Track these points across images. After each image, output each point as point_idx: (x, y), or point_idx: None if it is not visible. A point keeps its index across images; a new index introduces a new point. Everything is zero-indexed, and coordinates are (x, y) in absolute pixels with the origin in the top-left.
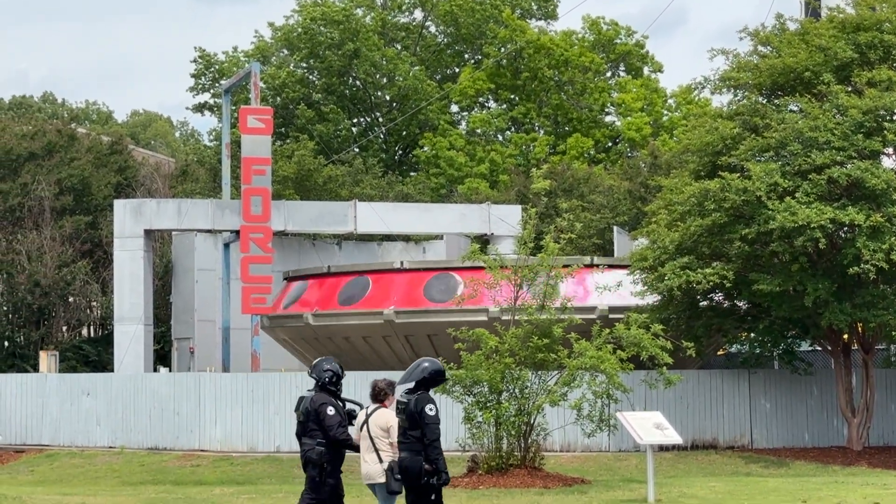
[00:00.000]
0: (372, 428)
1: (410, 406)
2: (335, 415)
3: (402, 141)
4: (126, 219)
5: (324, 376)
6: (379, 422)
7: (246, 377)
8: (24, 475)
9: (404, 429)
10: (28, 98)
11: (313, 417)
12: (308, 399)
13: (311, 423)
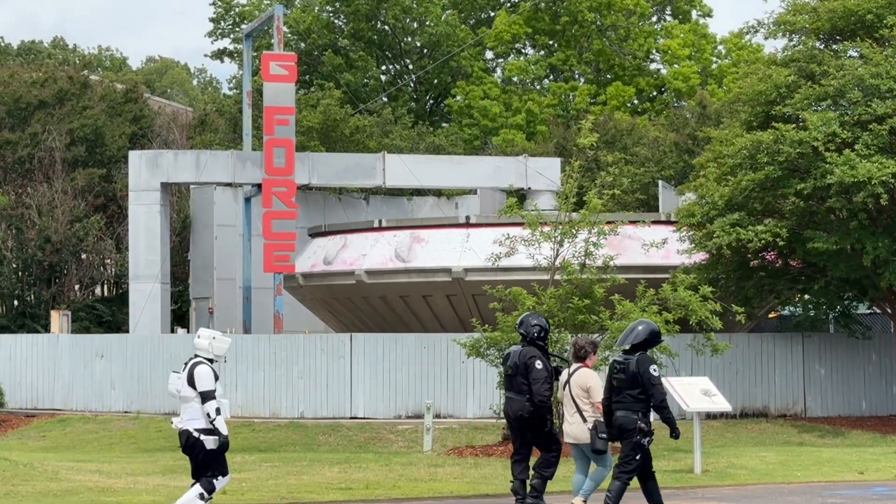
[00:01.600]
0: (573, 388)
1: (631, 367)
2: (543, 369)
3: (433, 90)
4: (142, 171)
5: (532, 331)
6: (580, 381)
7: (268, 339)
8: (36, 440)
9: (621, 388)
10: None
11: (522, 371)
12: (517, 353)
13: (519, 378)
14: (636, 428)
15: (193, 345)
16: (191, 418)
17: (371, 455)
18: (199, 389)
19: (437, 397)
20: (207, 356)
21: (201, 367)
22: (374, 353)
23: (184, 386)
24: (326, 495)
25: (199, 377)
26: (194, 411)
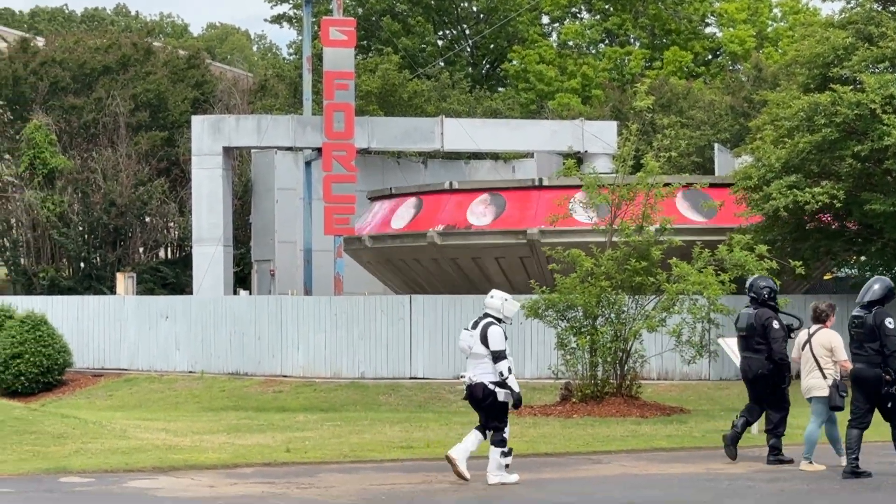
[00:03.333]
0: (815, 347)
1: (869, 321)
2: (780, 329)
3: (489, 54)
4: (204, 136)
5: (762, 293)
6: (822, 341)
7: (329, 300)
8: (103, 400)
9: (860, 342)
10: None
11: (759, 332)
12: (752, 314)
13: (756, 338)
14: (879, 379)
15: (485, 305)
16: (483, 373)
17: (431, 414)
18: (492, 349)
19: None
20: (498, 316)
21: (494, 327)
22: (433, 315)
23: (476, 343)
24: (388, 454)
25: (492, 337)
26: (486, 366)
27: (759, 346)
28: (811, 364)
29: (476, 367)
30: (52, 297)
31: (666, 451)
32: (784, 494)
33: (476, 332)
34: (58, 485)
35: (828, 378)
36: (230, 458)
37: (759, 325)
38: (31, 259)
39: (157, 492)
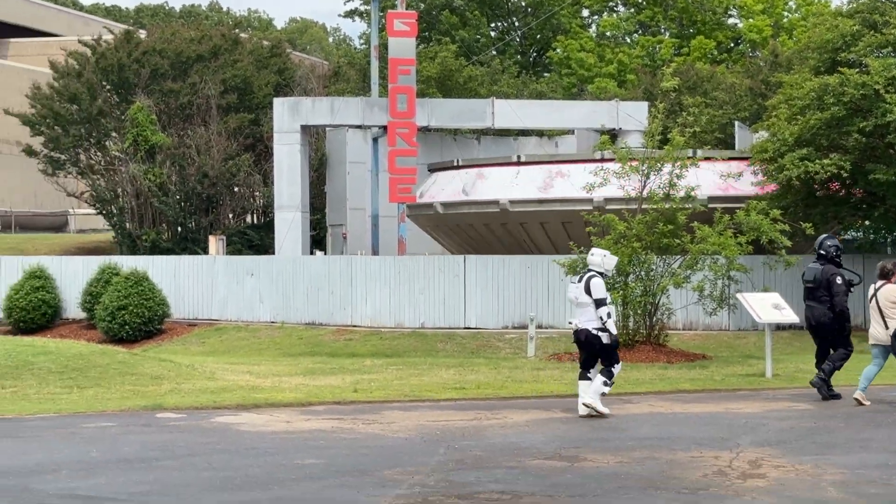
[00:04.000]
0: (880, 300)
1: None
2: (842, 283)
3: (536, 44)
4: (284, 116)
5: (830, 250)
6: (887, 294)
7: (393, 260)
8: (196, 346)
9: None
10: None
11: (824, 285)
12: (818, 269)
13: (821, 290)
14: None
15: (587, 261)
16: (588, 320)
17: (482, 360)
18: (595, 297)
19: (540, 310)
20: (599, 270)
21: (596, 279)
22: (484, 272)
23: (581, 294)
24: (443, 394)
25: (594, 287)
26: (590, 314)
27: (823, 298)
28: (877, 314)
29: (581, 315)
30: (152, 256)
31: (689, 392)
32: (793, 431)
33: (581, 284)
34: (154, 419)
35: (889, 328)
36: (304, 397)
37: (825, 279)
38: (135, 223)
39: (239, 426)
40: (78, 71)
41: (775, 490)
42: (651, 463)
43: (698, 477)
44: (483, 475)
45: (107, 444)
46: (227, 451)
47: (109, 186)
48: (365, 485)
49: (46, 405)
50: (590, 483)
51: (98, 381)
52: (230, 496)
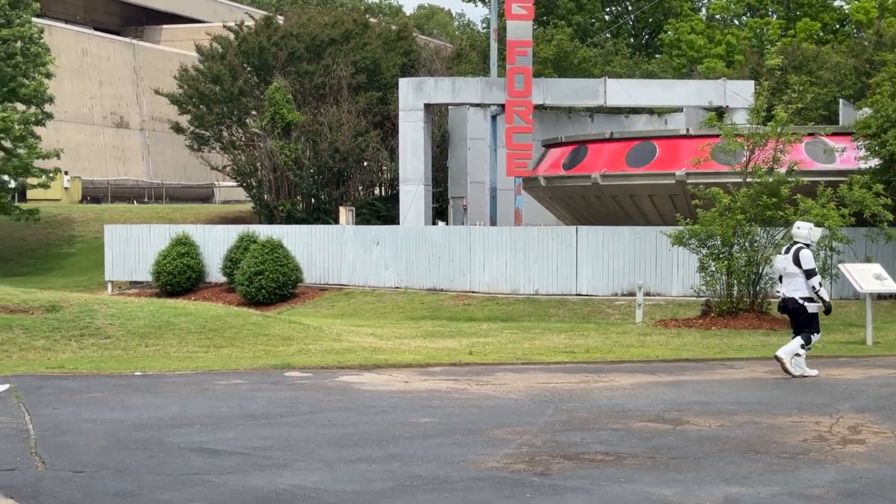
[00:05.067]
0: None
1: None
2: None
3: (648, 26)
4: (409, 94)
5: None
6: None
7: (509, 230)
8: (326, 309)
9: None
10: None
11: None
12: None
13: None
14: None
15: (792, 234)
16: (794, 289)
17: (592, 325)
18: (805, 268)
19: (647, 278)
20: (805, 242)
21: (804, 251)
22: (595, 242)
23: (789, 264)
24: (553, 357)
25: (804, 259)
26: (797, 283)
27: None
28: None
29: (789, 285)
30: (287, 226)
31: None
32: (893, 397)
33: (789, 255)
34: (282, 378)
35: None
36: (423, 358)
37: None
38: (272, 195)
39: (360, 385)
40: (221, 54)
41: (874, 456)
42: (752, 427)
43: (798, 441)
44: (588, 436)
45: (236, 400)
46: (347, 408)
47: (249, 161)
48: (475, 443)
49: (185, 363)
50: (691, 446)
51: (232, 341)
52: (347, 452)
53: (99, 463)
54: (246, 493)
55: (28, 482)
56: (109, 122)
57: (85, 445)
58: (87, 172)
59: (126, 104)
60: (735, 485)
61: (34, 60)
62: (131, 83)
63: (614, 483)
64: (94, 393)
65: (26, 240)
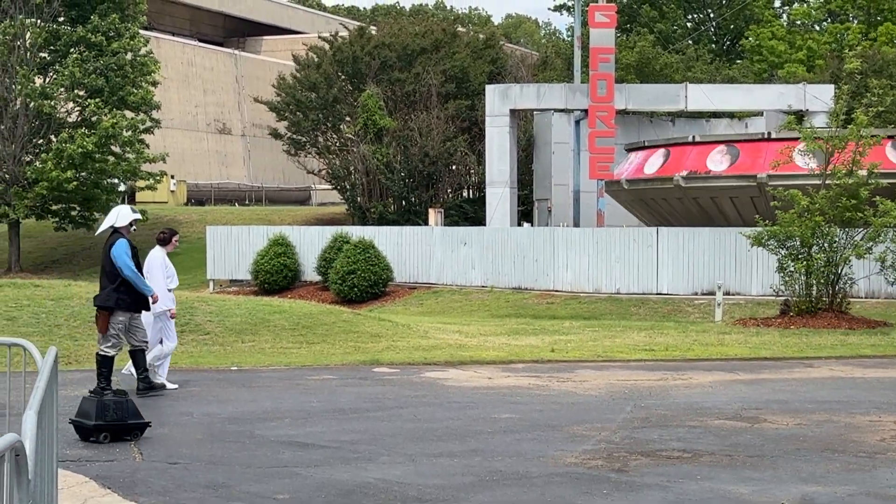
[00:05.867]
0: None
1: None
2: None
3: (729, 33)
4: (495, 101)
5: None
6: None
7: (592, 231)
8: (415, 307)
9: None
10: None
11: None
12: None
13: None
14: None
15: None
16: None
17: (671, 324)
18: None
19: (727, 278)
20: None
21: None
22: (676, 243)
23: None
24: (633, 355)
25: None
26: None
27: None
28: None
29: None
30: (378, 227)
31: (869, 358)
32: None
33: None
34: (370, 373)
35: None
36: (506, 355)
37: None
38: (364, 197)
39: (445, 381)
40: (317, 63)
41: None
42: (829, 426)
43: (876, 441)
44: (666, 433)
45: (326, 395)
46: (431, 404)
47: (343, 165)
48: (554, 439)
49: (278, 358)
50: (768, 444)
51: (324, 337)
52: (429, 446)
53: (193, 455)
54: (331, 485)
55: (125, 473)
56: (213, 128)
57: (181, 438)
58: (191, 176)
59: (228, 111)
60: (812, 484)
61: (142, 70)
62: (233, 92)
63: (691, 480)
64: (192, 387)
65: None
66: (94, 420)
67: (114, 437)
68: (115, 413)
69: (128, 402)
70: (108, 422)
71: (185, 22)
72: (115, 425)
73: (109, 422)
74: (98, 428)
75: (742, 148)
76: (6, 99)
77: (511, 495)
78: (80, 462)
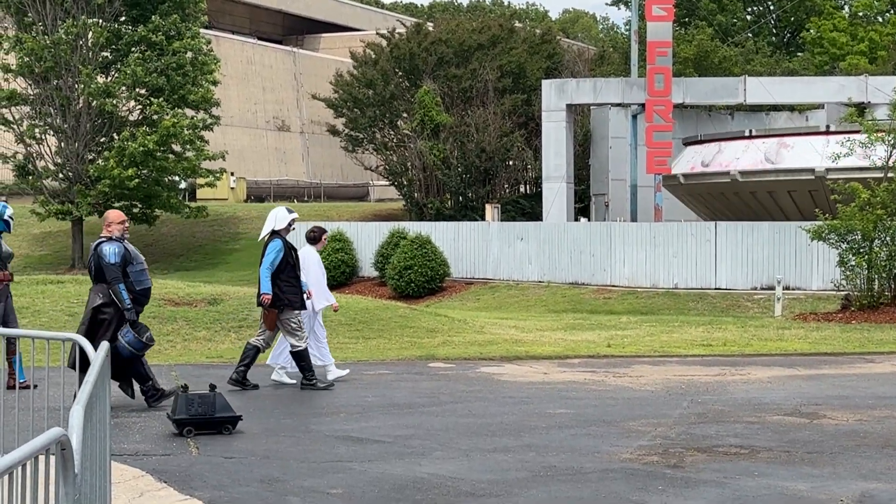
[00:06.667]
0: None
1: None
2: None
3: (790, 25)
4: (552, 96)
5: None
6: None
7: (649, 226)
8: (472, 302)
9: None
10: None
11: None
12: None
13: None
14: None
15: None
16: None
17: (730, 319)
18: None
19: (787, 273)
20: None
21: None
22: (734, 237)
23: None
24: (691, 350)
25: None
26: None
27: None
28: None
29: None
30: (435, 222)
31: None
32: None
33: None
34: (426, 368)
35: None
36: (562, 350)
37: None
38: (421, 193)
39: (500, 376)
40: (374, 60)
41: None
42: (891, 422)
43: None
44: (722, 429)
45: (382, 389)
46: (486, 399)
47: (400, 161)
48: (609, 435)
49: (335, 353)
50: (827, 440)
51: (381, 332)
52: (483, 441)
53: (248, 449)
54: (385, 480)
55: (181, 467)
56: (272, 125)
57: (237, 432)
58: (251, 173)
59: (287, 109)
60: (872, 480)
61: (202, 69)
62: (292, 89)
63: (748, 476)
64: None
65: (195, 237)
66: (177, 414)
67: (198, 430)
68: (199, 407)
69: (215, 397)
70: (192, 416)
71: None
72: (200, 419)
73: (193, 416)
74: (181, 422)
75: (800, 141)
76: (69, 98)
77: (565, 491)
78: (137, 456)
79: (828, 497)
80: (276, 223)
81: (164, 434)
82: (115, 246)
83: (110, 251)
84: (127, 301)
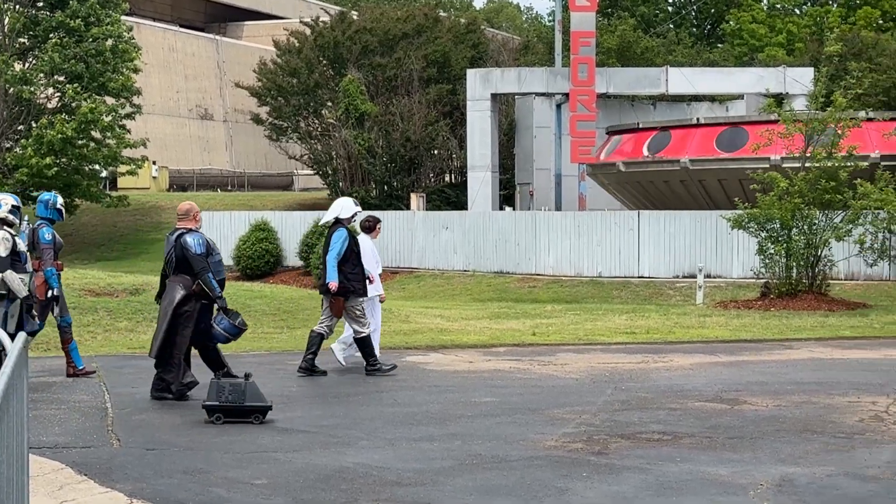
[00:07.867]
0: None
1: None
2: None
3: (710, 17)
4: (476, 85)
5: None
6: None
7: (574, 215)
8: (397, 292)
9: None
10: None
11: None
12: None
13: None
14: None
15: None
16: None
17: (653, 306)
18: None
19: (708, 261)
20: None
21: None
22: (657, 226)
23: None
24: (614, 338)
25: None
26: None
27: None
28: None
29: None
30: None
31: (849, 339)
32: None
33: None
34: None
35: None
36: (488, 339)
37: None
38: (346, 182)
39: (426, 365)
40: (298, 48)
41: None
42: (808, 407)
43: (854, 422)
44: (646, 416)
45: (306, 379)
46: (412, 388)
47: (325, 150)
48: (534, 422)
49: (259, 343)
50: (748, 426)
51: (305, 322)
52: (409, 430)
53: (171, 441)
54: (310, 470)
55: (102, 459)
56: (195, 114)
57: (159, 424)
58: (174, 162)
59: (210, 97)
60: (791, 465)
61: (123, 56)
62: (215, 77)
63: (671, 462)
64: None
65: (116, 226)
66: (209, 400)
67: (228, 418)
68: (229, 395)
69: (247, 385)
70: (222, 403)
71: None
72: (230, 407)
73: (223, 403)
74: (211, 409)
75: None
76: None
77: (490, 479)
78: (56, 449)
79: (748, 481)
80: (341, 212)
81: (85, 427)
82: (198, 236)
83: (195, 242)
84: (217, 290)
